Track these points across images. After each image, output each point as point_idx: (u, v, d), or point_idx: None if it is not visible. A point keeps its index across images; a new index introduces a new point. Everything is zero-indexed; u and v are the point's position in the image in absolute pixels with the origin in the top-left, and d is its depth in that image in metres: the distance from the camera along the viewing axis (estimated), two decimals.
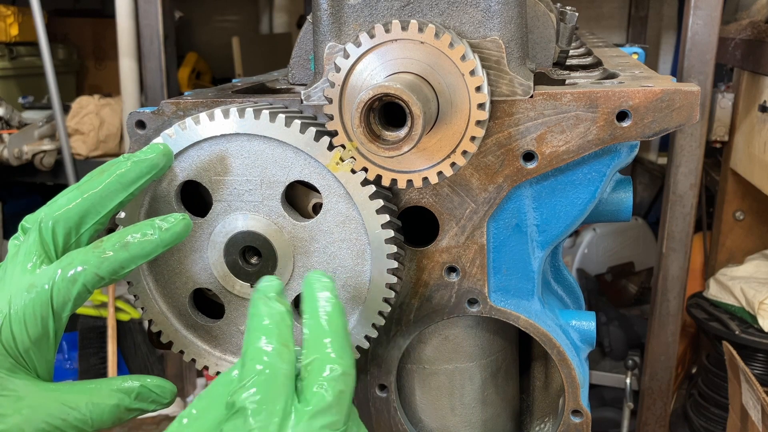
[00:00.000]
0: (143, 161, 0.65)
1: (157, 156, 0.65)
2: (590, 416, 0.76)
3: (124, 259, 0.62)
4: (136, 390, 0.64)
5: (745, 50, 2.53)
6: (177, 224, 0.63)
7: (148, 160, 0.65)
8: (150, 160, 0.65)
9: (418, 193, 0.69)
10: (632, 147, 0.71)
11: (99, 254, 0.61)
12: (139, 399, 0.65)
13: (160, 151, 0.66)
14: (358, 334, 0.70)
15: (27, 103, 3.40)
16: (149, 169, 0.65)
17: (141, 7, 2.72)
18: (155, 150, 0.66)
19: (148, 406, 0.65)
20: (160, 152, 0.66)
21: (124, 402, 0.64)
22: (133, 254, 0.62)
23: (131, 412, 0.64)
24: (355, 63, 0.61)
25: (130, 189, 0.65)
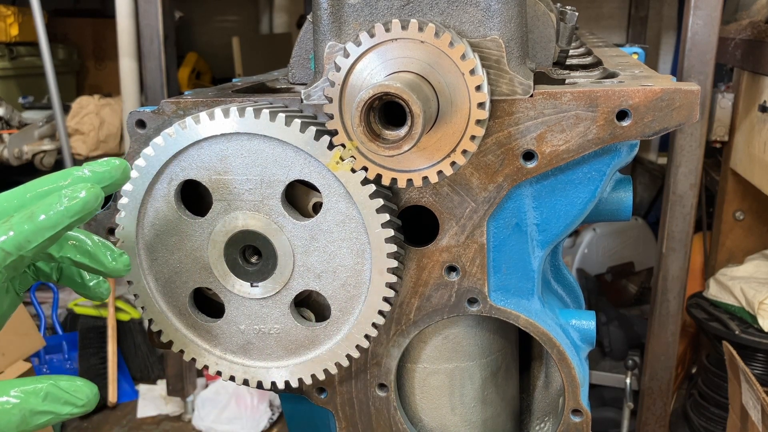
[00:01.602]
0: (96, 173, 0.62)
1: (111, 169, 0.63)
2: (590, 416, 0.76)
3: (30, 233, 0.58)
4: (44, 390, 0.59)
5: (745, 50, 2.53)
6: (87, 193, 0.59)
7: (101, 172, 0.63)
8: (103, 173, 0.63)
9: (418, 193, 0.69)
10: (632, 146, 0.71)
11: (6, 229, 0.58)
12: (48, 400, 0.59)
13: (116, 165, 0.63)
14: (358, 333, 0.70)
15: (27, 103, 3.40)
16: (99, 180, 0.62)
17: (141, 7, 2.72)
18: (111, 164, 0.63)
19: (60, 408, 0.60)
20: (115, 166, 0.63)
21: (29, 404, 0.58)
22: (39, 226, 0.58)
23: (40, 416, 0.59)
24: (355, 62, 0.61)
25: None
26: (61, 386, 0.60)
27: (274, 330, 0.72)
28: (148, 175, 0.69)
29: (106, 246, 0.65)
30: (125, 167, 0.64)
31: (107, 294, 0.70)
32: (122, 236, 0.71)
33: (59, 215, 0.59)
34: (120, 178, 0.64)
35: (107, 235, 0.77)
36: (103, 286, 0.70)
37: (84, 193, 0.60)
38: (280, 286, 0.70)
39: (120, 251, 0.65)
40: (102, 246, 0.65)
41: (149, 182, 0.69)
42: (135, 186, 0.69)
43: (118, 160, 0.64)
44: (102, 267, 0.64)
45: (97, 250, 0.64)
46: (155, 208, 0.70)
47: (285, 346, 0.72)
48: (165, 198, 0.70)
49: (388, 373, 0.77)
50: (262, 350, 0.73)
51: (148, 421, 3.23)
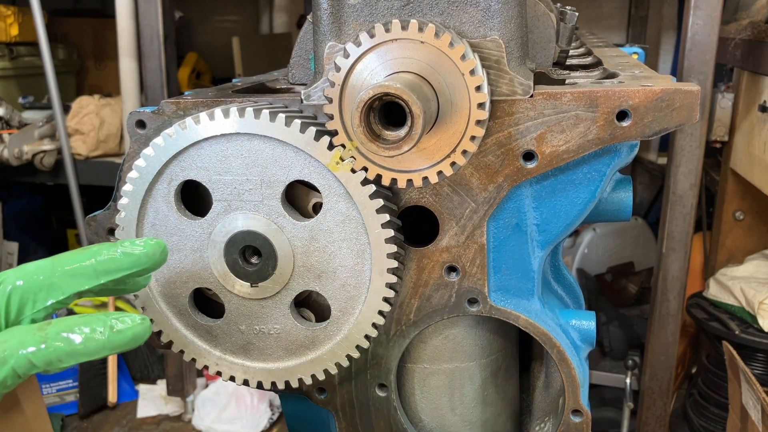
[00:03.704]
0: (130, 255, 0.60)
1: (145, 253, 0.60)
2: (590, 416, 0.76)
3: (63, 353, 0.55)
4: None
5: (745, 50, 2.53)
6: (132, 328, 0.57)
7: (135, 255, 0.60)
8: (137, 256, 0.60)
9: (418, 193, 0.69)
10: (632, 147, 0.71)
11: (39, 340, 0.55)
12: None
13: (154, 246, 0.61)
14: (358, 333, 0.70)
15: (27, 103, 3.40)
16: (134, 264, 0.60)
17: (141, 7, 2.72)
18: (148, 245, 0.61)
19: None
20: (153, 248, 0.61)
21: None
22: (75, 350, 0.55)
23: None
24: (355, 62, 0.61)
25: (105, 278, 0.60)
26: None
27: (274, 330, 0.72)
28: (148, 175, 0.69)
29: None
30: (164, 249, 0.62)
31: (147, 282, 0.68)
32: (122, 237, 0.71)
33: (99, 345, 0.56)
34: (159, 260, 0.62)
35: (107, 236, 0.77)
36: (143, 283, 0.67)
37: (132, 330, 0.57)
38: (280, 287, 0.70)
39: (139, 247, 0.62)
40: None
41: (149, 182, 0.69)
42: (135, 186, 0.69)
43: (155, 241, 0.62)
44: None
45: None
46: (155, 208, 0.70)
47: (285, 346, 0.72)
48: (165, 198, 0.70)
49: (388, 374, 0.77)
50: (262, 350, 0.73)
51: (148, 421, 3.23)
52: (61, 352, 0.55)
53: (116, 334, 0.56)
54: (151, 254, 0.61)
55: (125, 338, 0.56)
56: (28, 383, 0.62)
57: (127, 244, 0.61)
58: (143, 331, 0.57)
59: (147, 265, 0.61)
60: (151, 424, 3.22)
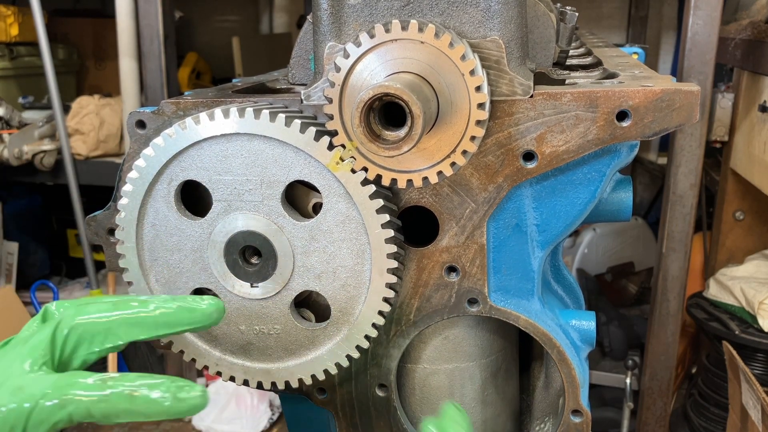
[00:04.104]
0: (192, 310, 0.61)
1: (206, 311, 0.62)
2: (590, 416, 0.76)
3: (123, 411, 0.56)
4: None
5: (745, 50, 2.53)
6: (194, 399, 0.57)
7: (197, 310, 0.62)
8: (199, 311, 0.62)
9: (418, 193, 0.69)
10: (632, 147, 0.71)
11: (101, 390, 0.56)
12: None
13: (214, 306, 0.62)
14: (358, 333, 0.70)
15: (27, 103, 3.40)
16: (194, 321, 0.62)
17: (141, 7, 2.72)
18: (210, 304, 0.62)
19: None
20: (211, 309, 0.62)
21: None
22: (135, 410, 0.56)
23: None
24: (355, 63, 0.61)
25: (164, 330, 0.61)
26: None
27: (274, 330, 0.72)
28: (148, 175, 0.69)
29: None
30: (221, 308, 0.63)
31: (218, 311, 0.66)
32: (122, 237, 0.71)
33: (160, 410, 0.57)
34: (216, 319, 0.63)
35: (107, 236, 0.77)
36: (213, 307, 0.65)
37: (194, 400, 0.57)
38: (280, 287, 0.70)
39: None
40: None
41: (149, 183, 0.69)
42: (135, 186, 0.69)
43: (215, 300, 0.63)
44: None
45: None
46: (155, 208, 0.70)
47: (285, 346, 0.72)
48: (165, 198, 0.70)
49: (388, 374, 0.77)
50: (262, 351, 0.73)
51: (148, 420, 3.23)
52: (121, 409, 0.56)
53: (178, 402, 0.57)
54: (210, 314, 0.62)
55: (185, 407, 0.57)
56: None
57: (188, 302, 0.62)
58: (203, 404, 0.58)
59: (204, 323, 0.62)
60: (151, 424, 3.21)
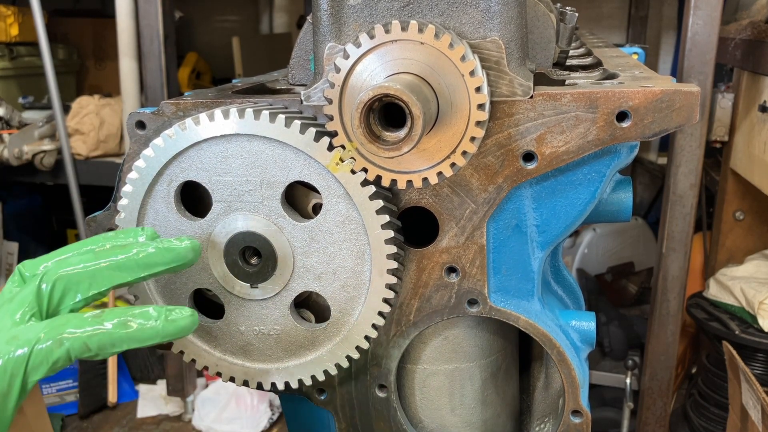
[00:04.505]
0: (170, 250, 0.62)
1: (184, 249, 0.63)
2: (590, 416, 0.76)
3: (119, 338, 0.59)
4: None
5: (745, 50, 2.53)
6: (183, 319, 0.61)
7: (175, 250, 0.63)
8: (176, 251, 0.63)
9: (417, 194, 0.69)
10: (632, 147, 0.71)
11: (96, 324, 0.58)
12: None
13: (189, 246, 0.63)
14: (358, 334, 0.70)
15: (27, 103, 3.40)
16: (172, 260, 0.63)
17: (141, 7, 2.72)
18: (185, 244, 0.63)
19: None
20: (188, 247, 0.63)
21: None
22: (130, 336, 0.59)
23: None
24: (354, 63, 0.61)
25: (145, 272, 0.62)
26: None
27: (274, 331, 0.72)
28: (148, 176, 0.69)
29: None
30: (197, 248, 0.64)
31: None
32: None
33: (153, 332, 0.59)
34: (193, 258, 0.64)
35: None
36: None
37: (184, 321, 0.60)
38: (280, 288, 0.70)
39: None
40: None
41: (149, 183, 0.69)
42: (135, 187, 0.69)
43: (191, 240, 0.64)
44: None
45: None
46: (155, 209, 0.70)
47: (285, 347, 0.72)
48: (165, 199, 0.70)
49: (388, 374, 0.77)
50: (262, 351, 0.73)
51: (148, 421, 3.23)
52: (116, 336, 0.59)
53: (169, 323, 0.60)
54: (186, 253, 0.64)
55: (177, 328, 0.60)
56: None
57: (166, 242, 0.63)
58: (192, 324, 0.61)
59: (184, 261, 0.64)
60: (151, 424, 3.22)
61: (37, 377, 0.58)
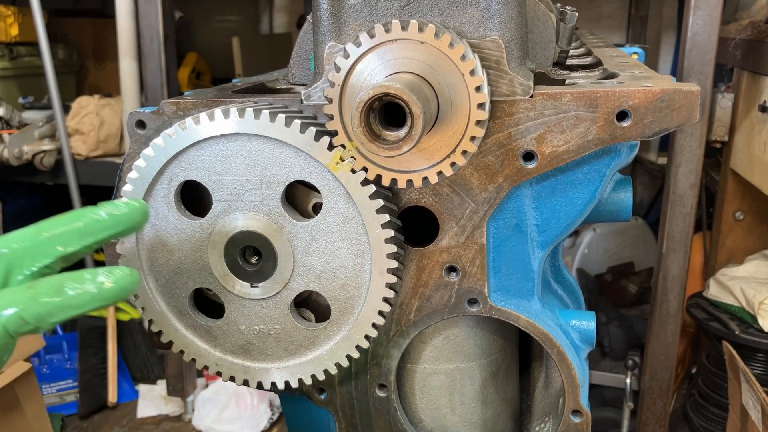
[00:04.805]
0: (112, 215, 0.60)
1: (130, 212, 0.61)
2: (590, 416, 0.76)
3: (55, 306, 0.55)
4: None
5: (745, 50, 2.53)
6: (122, 278, 0.57)
7: (118, 216, 0.60)
8: (120, 216, 0.60)
9: (418, 193, 0.69)
10: (632, 147, 0.71)
11: (30, 296, 0.55)
12: None
13: (136, 208, 0.61)
14: (358, 333, 0.70)
15: (27, 103, 3.40)
16: (116, 224, 0.60)
17: (141, 7, 2.72)
18: (130, 206, 0.61)
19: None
20: (135, 209, 0.61)
21: None
22: (66, 303, 0.56)
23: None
24: (355, 63, 0.61)
25: (90, 239, 0.60)
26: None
27: (274, 330, 0.72)
28: (148, 175, 0.69)
29: None
30: (145, 210, 0.62)
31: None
32: (122, 237, 0.71)
33: (90, 297, 0.56)
34: (140, 221, 0.62)
35: None
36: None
37: (122, 281, 0.57)
38: (280, 287, 0.70)
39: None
40: None
41: (149, 183, 0.69)
42: (135, 187, 0.69)
43: (137, 202, 0.62)
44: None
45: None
46: (155, 208, 0.70)
47: (285, 346, 0.72)
48: (165, 199, 0.70)
49: (388, 374, 0.77)
50: (262, 351, 0.73)
51: (148, 421, 3.23)
52: (52, 306, 0.55)
53: (105, 289, 0.57)
54: (132, 214, 0.61)
55: (115, 289, 0.57)
56: (28, 383, 0.62)
57: (109, 206, 0.61)
58: (132, 283, 0.58)
59: (129, 225, 0.61)
60: (151, 424, 3.21)
61: None
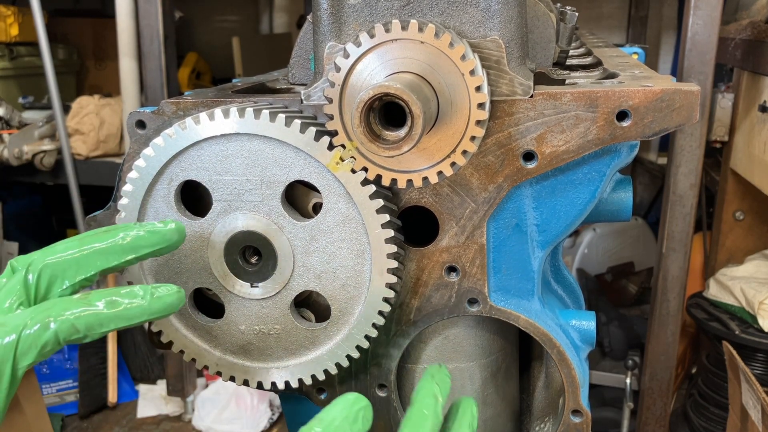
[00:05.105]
0: (155, 232, 0.63)
1: (169, 231, 0.64)
2: (590, 416, 0.76)
3: (106, 317, 0.59)
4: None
5: (745, 50, 2.53)
6: (170, 295, 0.61)
7: (160, 232, 0.63)
8: (162, 233, 0.63)
9: (418, 193, 0.69)
10: (632, 147, 0.71)
11: (82, 305, 0.58)
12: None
13: (173, 228, 0.64)
14: (358, 333, 0.70)
15: (27, 103, 3.40)
16: (158, 242, 0.63)
17: (141, 7, 2.72)
18: (170, 225, 0.64)
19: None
20: (173, 229, 0.64)
21: None
22: (117, 315, 0.59)
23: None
24: (355, 63, 0.61)
25: (131, 255, 0.63)
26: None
27: (274, 330, 0.72)
28: (148, 175, 0.69)
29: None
30: (182, 230, 0.65)
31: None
32: None
33: (140, 310, 0.60)
34: (177, 240, 0.65)
35: None
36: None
37: (170, 297, 0.61)
38: (280, 287, 0.70)
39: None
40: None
41: (149, 183, 0.69)
42: (135, 186, 0.69)
43: (174, 222, 0.65)
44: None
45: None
46: (155, 208, 0.70)
47: (285, 346, 0.72)
48: (165, 198, 0.70)
49: (388, 374, 0.77)
50: (262, 351, 0.73)
51: (148, 421, 3.23)
52: (104, 316, 0.58)
53: (156, 300, 0.60)
54: (173, 233, 0.64)
55: (164, 304, 0.61)
56: (28, 383, 0.62)
57: (149, 225, 0.64)
58: (179, 300, 0.62)
59: (169, 243, 0.64)
60: (151, 424, 3.22)
61: (27, 362, 0.57)
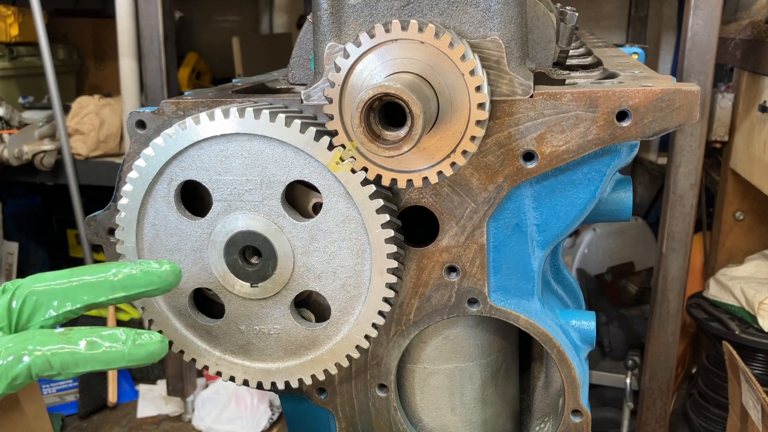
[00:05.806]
0: (149, 272, 0.62)
1: (164, 272, 0.63)
2: (590, 416, 0.76)
3: (83, 358, 0.57)
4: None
5: (745, 50, 2.53)
6: (152, 344, 0.59)
7: (155, 273, 0.62)
8: (156, 274, 0.62)
9: (418, 193, 0.69)
10: (632, 147, 0.71)
11: (61, 341, 0.57)
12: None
13: (169, 269, 0.63)
14: (358, 333, 0.70)
15: (27, 103, 3.40)
16: (151, 282, 0.62)
17: (141, 7, 2.72)
18: (165, 268, 0.63)
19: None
20: (168, 270, 0.63)
21: None
22: (95, 357, 0.57)
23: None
24: (355, 63, 0.61)
25: (120, 293, 0.62)
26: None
27: (274, 330, 0.72)
28: (148, 175, 0.69)
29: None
30: (178, 272, 0.64)
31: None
32: (122, 237, 0.71)
33: (119, 355, 0.58)
34: (172, 282, 0.63)
35: (107, 236, 0.77)
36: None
37: (153, 346, 0.59)
38: (280, 287, 0.70)
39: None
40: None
41: (149, 183, 0.69)
42: (135, 186, 0.69)
43: (170, 264, 0.64)
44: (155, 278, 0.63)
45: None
46: (155, 208, 0.70)
47: (285, 346, 0.72)
48: (165, 198, 0.70)
49: (388, 374, 0.77)
50: (262, 351, 0.73)
51: (148, 421, 3.23)
52: (81, 356, 0.56)
53: (137, 348, 0.58)
54: (166, 276, 0.63)
55: (144, 353, 0.58)
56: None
57: (145, 265, 0.63)
58: (161, 350, 0.59)
59: (161, 285, 0.63)
60: (151, 424, 3.22)
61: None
